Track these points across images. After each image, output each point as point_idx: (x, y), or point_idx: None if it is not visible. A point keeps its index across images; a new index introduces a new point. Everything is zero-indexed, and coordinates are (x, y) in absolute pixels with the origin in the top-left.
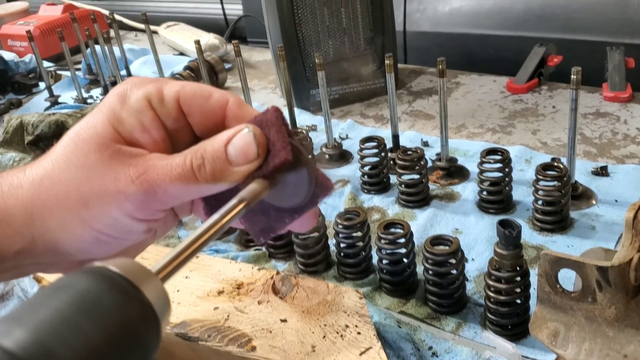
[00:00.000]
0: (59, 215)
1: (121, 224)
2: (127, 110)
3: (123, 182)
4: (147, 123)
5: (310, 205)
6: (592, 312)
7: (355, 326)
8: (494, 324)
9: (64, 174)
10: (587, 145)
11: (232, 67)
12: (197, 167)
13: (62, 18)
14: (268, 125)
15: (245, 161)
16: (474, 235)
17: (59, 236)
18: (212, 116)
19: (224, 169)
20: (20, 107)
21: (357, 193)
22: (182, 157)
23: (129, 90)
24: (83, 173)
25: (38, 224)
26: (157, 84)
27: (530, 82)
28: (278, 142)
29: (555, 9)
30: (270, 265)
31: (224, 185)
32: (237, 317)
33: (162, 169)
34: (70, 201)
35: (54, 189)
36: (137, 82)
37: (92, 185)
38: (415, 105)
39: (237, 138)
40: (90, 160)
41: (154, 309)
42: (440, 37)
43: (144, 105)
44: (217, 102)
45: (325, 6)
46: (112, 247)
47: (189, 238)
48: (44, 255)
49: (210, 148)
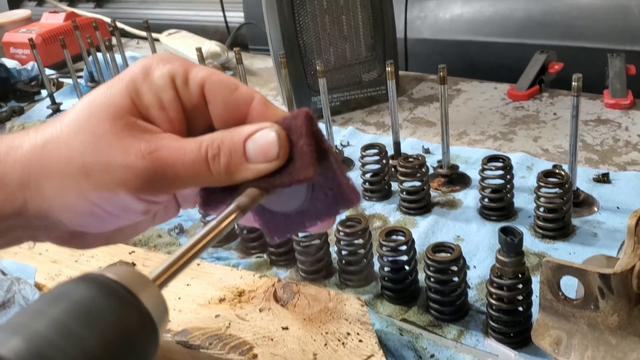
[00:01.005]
0: (57, 181)
1: (120, 199)
2: (148, 85)
3: (133, 155)
4: (167, 102)
5: (333, 214)
6: (595, 319)
7: (357, 334)
8: (496, 332)
9: (71, 140)
10: (588, 152)
11: (233, 74)
12: (212, 157)
13: (64, 26)
14: (297, 134)
15: (263, 160)
16: (475, 243)
17: (52, 203)
18: (235, 110)
19: (239, 164)
20: (22, 115)
21: None
22: (197, 143)
23: (154, 65)
24: (91, 141)
25: (33, 188)
26: (185, 64)
27: (531, 89)
28: (305, 156)
29: (555, 16)
30: (272, 273)
31: (234, 181)
32: (239, 325)
33: (176, 151)
34: (71, 167)
35: (56, 153)
36: (165, 57)
37: (99, 155)
38: (416, 112)
39: (259, 135)
40: (102, 129)
41: (152, 316)
42: (441, 44)
43: (167, 83)
44: (243, 96)
45: (326, 13)
46: (106, 223)
47: (186, 245)
48: (35, 220)
49: (229, 140)
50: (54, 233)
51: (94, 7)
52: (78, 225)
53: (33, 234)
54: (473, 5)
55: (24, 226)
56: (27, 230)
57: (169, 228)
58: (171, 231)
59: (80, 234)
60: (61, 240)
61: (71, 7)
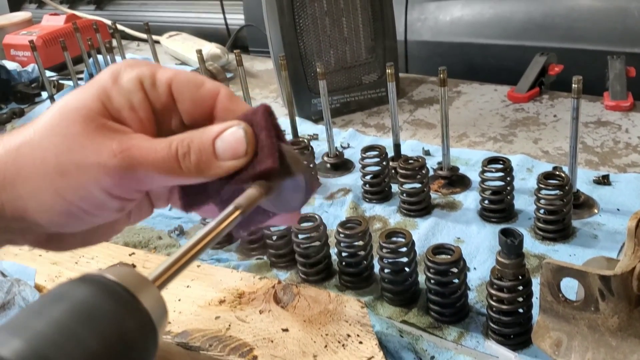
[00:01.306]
0: (33, 182)
1: (95, 197)
2: (117, 89)
3: (105, 154)
4: (137, 103)
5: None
6: (595, 321)
7: (357, 335)
8: (496, 334)
9: (44, 141)
10: (588, 154)
11: (233, 76)
12: (182, 155)
13: (64, 28)
14: (258, 127)
15: (231, 157)
16: (475, 244)
17: (28, 204)
18: (202, 105)
19: (209, 162)
20: (23, 117)
21: (358, 202)
22: (168, 142)
23: (122, 70)
24: (64, 142)
25: (9, 190)
26: (151, 67)
27: (531, 91)
28: (266, 147)
29: (555, 19)
30: (272, 275)
31: (205, 178)
32: (239, 327)
33: (147, 150)
34: (46, 168)
35: (31, 155)
36: (132, 63)
37: (72, 155)
38: (416, 114)
39: (228, 133)
40: (74, 130)
41: (151, 317)
42: (441, 47)
43: (135, 86)
44: (209, 91)
45: (326, 16)
46: (83, 222)
47: (185, 246)
48: (11, 222)
49: (198, 139)
50: (31, 236)
51: (94, 9)
52: (54, 225)
53: (9, 237)
54: (473, 7)
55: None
56: (4, 234)
57: (169, 230)
58: (171, 233)
59: (57, 235)
60: (38, 242)
61: (72, 9)
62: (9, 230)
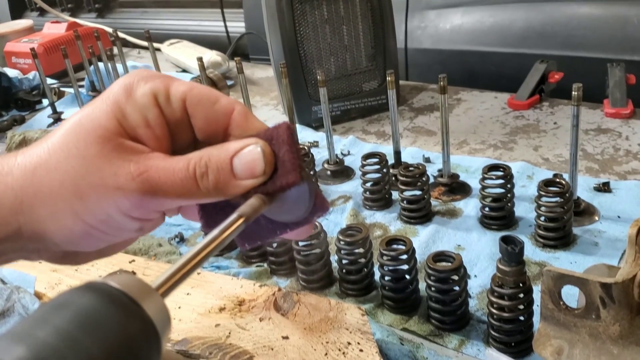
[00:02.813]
0: (51, 205)
1: (115, 220)
2: (132, 105)
3: (123, 178)
4: (152, 120)
5: (305, 223)
6: (596, 329)
7: (358, 343)
8: (497, 341)
9: (61, 164)
10: (589, 162)
11: (234, 83)
12: (200, 175)
13: (66, 36)
14: (279, 143)
15: (250, 176)
16: (476, 252)
17: (47, 227)
18: (216, 122)
19: (227, 181)
20: (24, 124)
21: (359, 209)
22: (185, 161)
23: (135, 83)
24: (82, 164)
25: (27, 213)
26: (165, 80)
27: (531, 99)
28: (288, 162)
29: (555, 26)
30: (272, 282)
31: (223, 197)
32: (239, 334)
33: (164, 171)
34: (64, 192)
35: (48, 178)
36: (145, 75)
37: (90, 178)
38: (416, 121)
39: (245, 152)
40: (91, 152)
41: (155, 325)
42: (441, 54)
43: (150, 101)
44: (223, 108)
45: (327, 24)
46: (100, 241)
47: (189, 254)
48: (29, 242)
49: (216, 158)
50: (47, 254)
51: (95, 17)
52: (73, 246)
53: (26, 255)
54: (473, 15)
55: (17, 249)
56: (19, 252)
57: (169, 237)
58: (171, 240)
59: (74, 252)
60: (54, 259)
61: (73, 17)
62: (25, 249)
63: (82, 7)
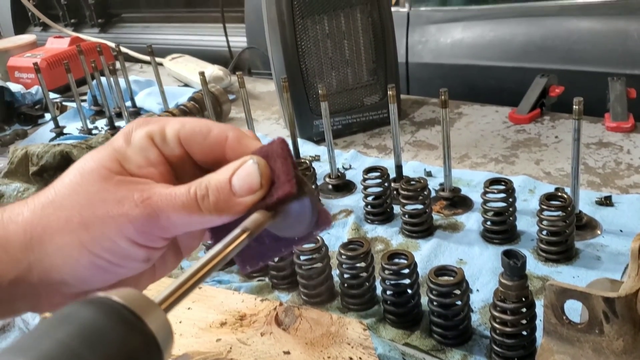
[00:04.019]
0: (59, 239)
1: (120, 248)
2: (132, 149)
3: (127, 205)
4: (153, 158)
5: (308, 237)
6: (600, 344)
7: (360, 358)
8: (500, 356)
9: (67, 200)
10: (590, 175)
11: (236, 98)
12: (201, 197)
13: (68, 50)
14: (274, 157)
15: (248, 192)
16: (478, 266)
17: (55, 261)
18: (212, 152)
19: (228, 200)
20: (26, 138)
21: (360, 223)
22: (186, 187)
23: (133, 130)
24: (87, 198)
25: (36, 250)
26: (160, 123)
27: (532, 113)
28: (283, 174)
29: (555, 41)
30: (274, 296)
31: (227, 217)
32: (240, 349)
33: (166, 196)
34: (71, 225)
35: (55, 214)
36: (141, 122)
37: (95, 209)
38: (418, 135)
39: (242, 169)
40: (95, 188)
41: (157, 340)
42: (442, 69)
43: (147, 143)
44: (216, 138)
45: (328, 38)
46: (109, 275)
47: (192, 268)
48: (38, 284)
49: (215, 180)
50: (56, 298)
51: (98, 32)
52: (81, 281)
53: (33, 303)
54: (474, 30)
55: (25, 294)
56: (27, 299)
57: None
58: None
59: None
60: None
61: (76, 32)
62: (34, 295)
63: (85, 22)
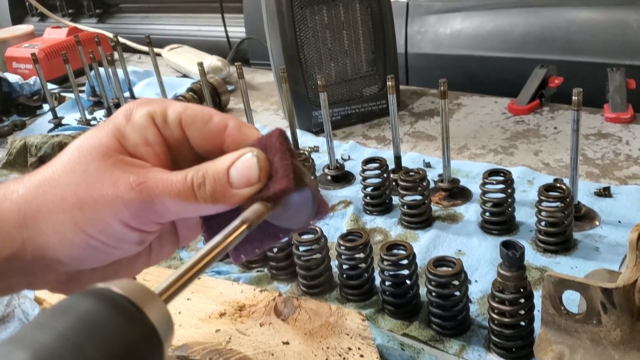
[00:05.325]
0: (54, 217)
1: (114, 230)
2: (131, 126)
3: (122, 187)
4: (151, 138)
5: (306, 226)
6: (598, 334)
7: (358, 349)
8: (498, 347)
9: (63, 178)
10: (589, 166)
11: (234, 88)
12: (198, 185)
13: (66, 41)
14: (273, 150)
15: (246, 184)
16: (477, 257)
17: (49, 240)
18: (211, 139)
19: (224, 191)
20: (24, 129)
21: (359, 214)
22: (183, 174)
23: (134, 108)
24: (83, 178)
25: (30, 227)
26: (162, 104)
27: (531, 103)
28: (281, 168)
29: (555, 31)
30: (273, 287)
31: (222, 207)
32: (239, 340)
33: (163, 182)
34: (66, 204)
35: (51, 192)
36: (144, 101)
37: (90, 190)
38: (417, 126)
39: (240, 161)
40: (92, 167)
41: (157, 331)
42: (441, 59)
43: (148, 122)
44: (216, 126)
45: (327, 29)
46: (103, 255)
47: (192, 259)
48: (32, 262)
49: (212, 169)
50: (51, 275)
51: (96, 22)
52: (75, 260)
53: (28, 280)
54: (473, 20)
55: (20, 271)
56: (22, 275)
57: None
58: None
59: (77, 275)
60: (58, 283)
61: (74, 22)
62: (28, 272)
63: (83, 13)
